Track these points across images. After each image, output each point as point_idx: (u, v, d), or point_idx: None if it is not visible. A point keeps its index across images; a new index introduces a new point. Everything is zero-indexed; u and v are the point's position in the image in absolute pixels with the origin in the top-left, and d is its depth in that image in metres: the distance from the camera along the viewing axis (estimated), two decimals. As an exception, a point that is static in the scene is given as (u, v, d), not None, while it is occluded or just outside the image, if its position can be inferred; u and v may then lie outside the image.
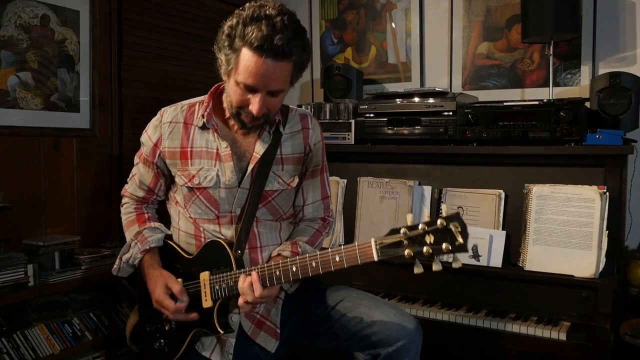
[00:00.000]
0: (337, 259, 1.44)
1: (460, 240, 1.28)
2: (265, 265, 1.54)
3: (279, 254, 1.65)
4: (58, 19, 2.42)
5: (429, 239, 1.30)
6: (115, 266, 1.74)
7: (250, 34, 1.42)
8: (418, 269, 1.34)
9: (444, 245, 1.29)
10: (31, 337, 2.18)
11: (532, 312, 2.04)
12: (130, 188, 1.83)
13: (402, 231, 1.34)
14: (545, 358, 1.92)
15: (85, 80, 2.53)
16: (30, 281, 2.18)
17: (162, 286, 1.62)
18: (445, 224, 1.29)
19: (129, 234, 1.76)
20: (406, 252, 1.32)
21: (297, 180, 1.73)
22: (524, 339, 1.93)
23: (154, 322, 1.72)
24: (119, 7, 2.64)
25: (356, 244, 1.41)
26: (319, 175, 1.81)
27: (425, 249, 1.30)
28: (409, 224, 1.34)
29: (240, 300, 1.53)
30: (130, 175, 1.83)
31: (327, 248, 1.50)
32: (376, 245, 1.37)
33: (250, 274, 1.53)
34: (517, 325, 1.95)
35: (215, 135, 1.66)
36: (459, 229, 1.28)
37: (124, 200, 1.86)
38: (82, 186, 2.54)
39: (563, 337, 1.88)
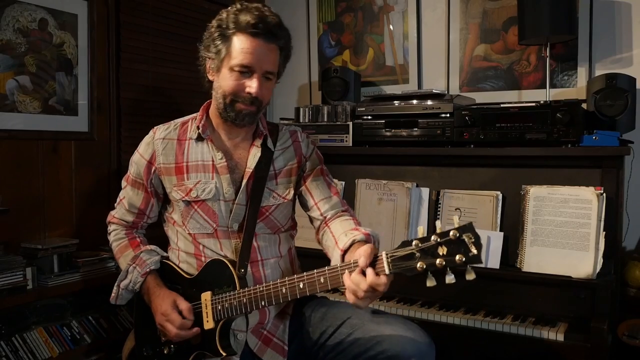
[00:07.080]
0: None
1: (474, 251, 1.21)
2: (271, 284, 1.48)
3: (353, 242, 1.49)
4: (56, 22, 2.42)
5: (442, 250, 1.24)
6: (113, 294, 1.70)
7: (243, 19, 1.53)
8: (430, 282, 1.26)
9: (457, 257, 1.22)
10: (30, 341, 2.18)
11: (530, 313, 2.04)
12: (118, 213, 1.79)
13: (414, 243, 1.27)
14: (543, 359, 1.92)
15: (83, 83, 2.53)
16: (29, 284, 2.18)
17: (171, 302, 1.59)
18: (458, 234, 1.23)
19: (123, 260, 1.72)
20: (418, 264, 1.26)
21: (292, 192, 1.72)
22: (521, 339, 1.93)
23: (151, 346, 1.68)
24: (116, 11, 2.64)
25: None
26: (321, 175, 1.76)
27: (438, 261, 1.24)
28: (421, 235, 1.28)
29: (351, 297, 1.37)
30: (118, 199, 1.80)
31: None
32: (387, 258, 1.30)
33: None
34: (515, 326, 1.96)
35: (211, 145, 1.66)
36: (472, 240, 1.22)
37: (111, 227, 1.81)
38: (80, 189, 2.54)
39: (561, 337, 1.88)
